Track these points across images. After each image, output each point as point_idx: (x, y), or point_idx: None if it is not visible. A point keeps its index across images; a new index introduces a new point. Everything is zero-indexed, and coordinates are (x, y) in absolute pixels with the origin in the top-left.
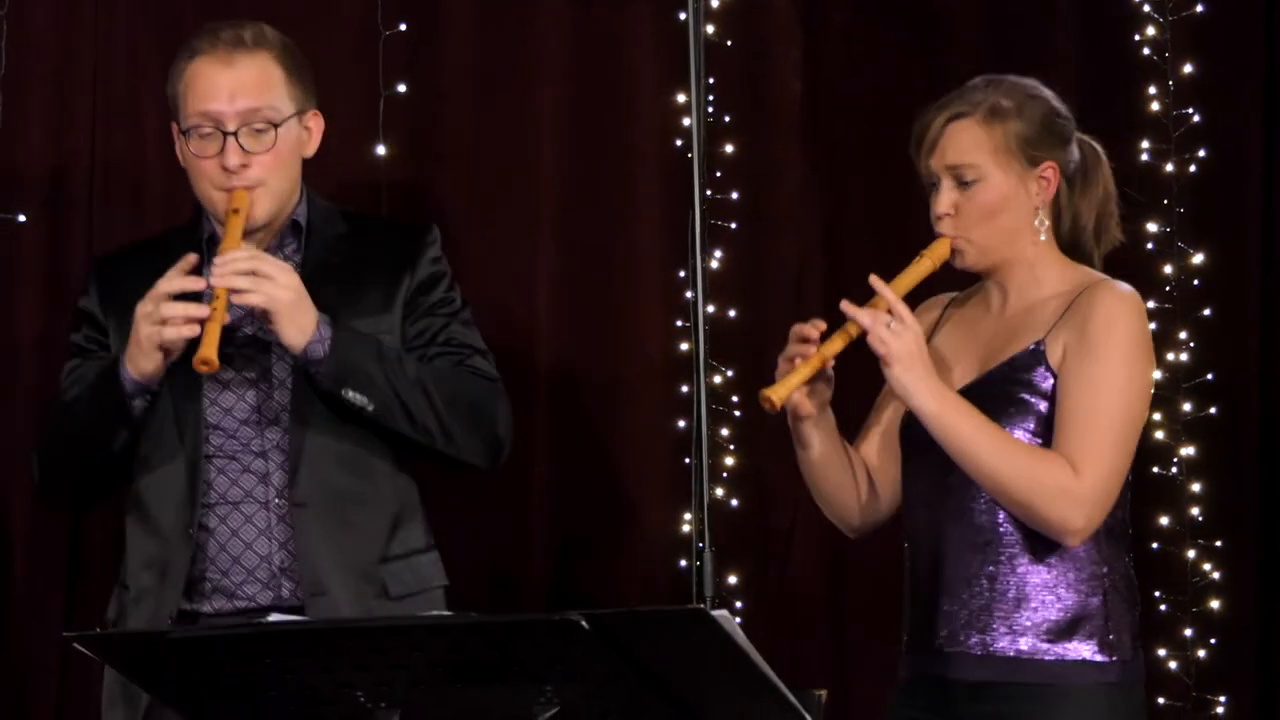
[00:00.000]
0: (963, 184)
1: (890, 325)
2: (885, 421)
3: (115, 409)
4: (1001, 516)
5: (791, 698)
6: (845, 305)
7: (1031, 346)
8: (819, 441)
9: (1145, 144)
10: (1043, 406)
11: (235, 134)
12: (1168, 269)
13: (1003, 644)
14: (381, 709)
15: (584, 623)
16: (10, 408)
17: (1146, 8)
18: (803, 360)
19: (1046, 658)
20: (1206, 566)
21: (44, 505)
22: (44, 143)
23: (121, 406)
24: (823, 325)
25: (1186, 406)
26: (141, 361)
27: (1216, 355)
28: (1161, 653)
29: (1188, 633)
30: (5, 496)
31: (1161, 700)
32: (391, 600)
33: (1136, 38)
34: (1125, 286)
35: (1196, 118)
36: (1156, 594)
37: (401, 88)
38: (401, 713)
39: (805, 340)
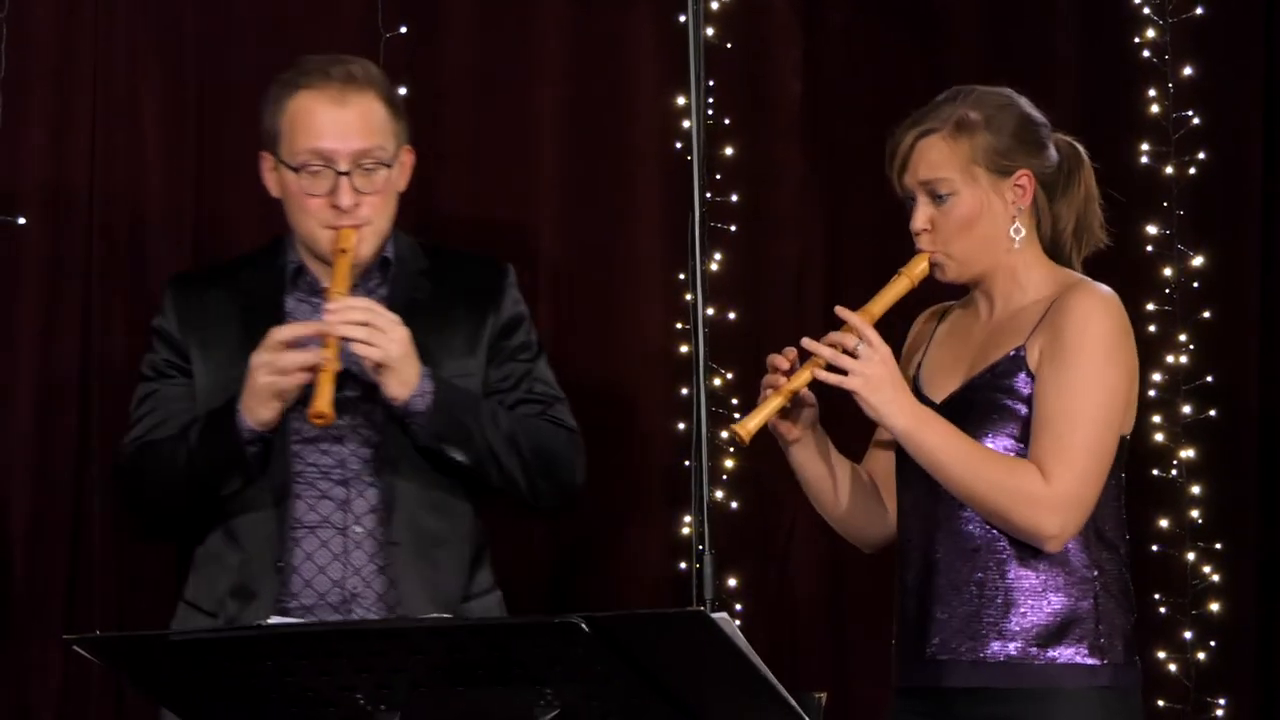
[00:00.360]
0: (937, 199)
1: (857, 347)
2: (886, 436)
3: (231, 457)
4: (990, 524)
5: (791, 700)
6: (805, 341)
7: (1012, 352)
8: (809, 463)
9: (1145, 146)
10: (1024, 411)
11: (348, 174)
12: (1167, 271)
13: (994, 649)
14: (381, 711)
15: (584, 625)
16: (11, 408)
17: (1146, 10)
18: (774, 391)
19: (1037, 662)
20: (1206, 569)
21: (129, 535)
22: (44, 144)
23: (238, 454)
24: (794, 354)
25: (1186, 409)
26: (260, 411)
27: (1216, 357)
28: (1161, 655)
29: (1187, 635)
30: (5, 496)
31: (1161, 703)
32: None
33: (1136, 40)
34: (1103, 288)
35: (1196, 120)
36: (1156, 596)
37: (402, 89)
38: (401, 715)
39: (776, 368)
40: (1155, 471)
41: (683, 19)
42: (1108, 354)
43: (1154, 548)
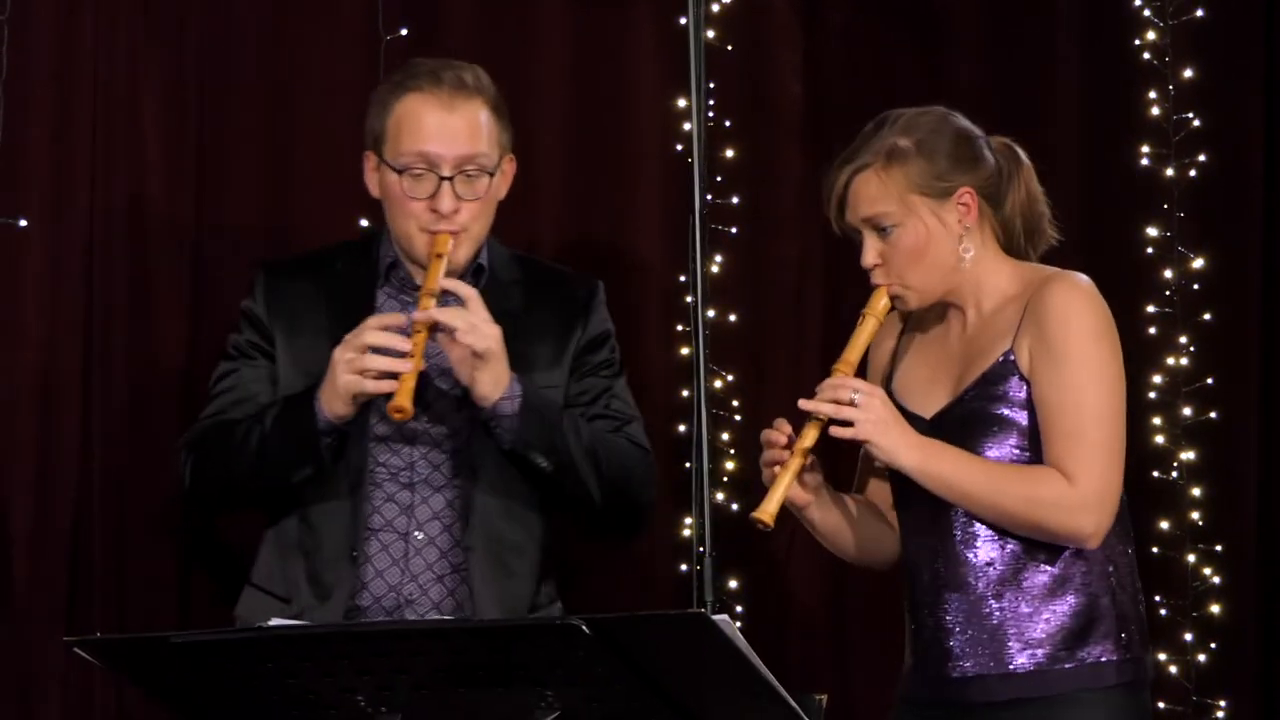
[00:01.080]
0: (882, 232)
1: (854, 397)
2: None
3: (305, 446)
4: (996, 534)
5: (792, 702)
6: (803, 403)
7: (1000, 358)
8: (822, 520)
9: (1145, 148)
10: (1023, 419)
11: (451, 179)
12: (1168, 273)
13: (1021, 660)
14: (383, 713)
15: (585, 627)
16: (11, 408)
17: (1147, 12)
18: (781, 466)
19: (1067, 665)
20: (1207, 571)
21: (187, 509)
22: (45, 145)
23: (313, 445)
24: (787, 426)
25: (1187, 411)
26: (337, 406)
27: (1217, 360)
28: (1162, 657)
29: (1188, 637)
30: (5, 496)
31: (1162, 704)
32: None
33: (1137, 42)
34: (1078, 277)
35: (1197, 122)
36: (1157, 598)
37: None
38: (403, 717)
39: (775, 444)
40: (1156, 473)
41: (683, 21)
42: (1098, 342)
43: (1154, 550)
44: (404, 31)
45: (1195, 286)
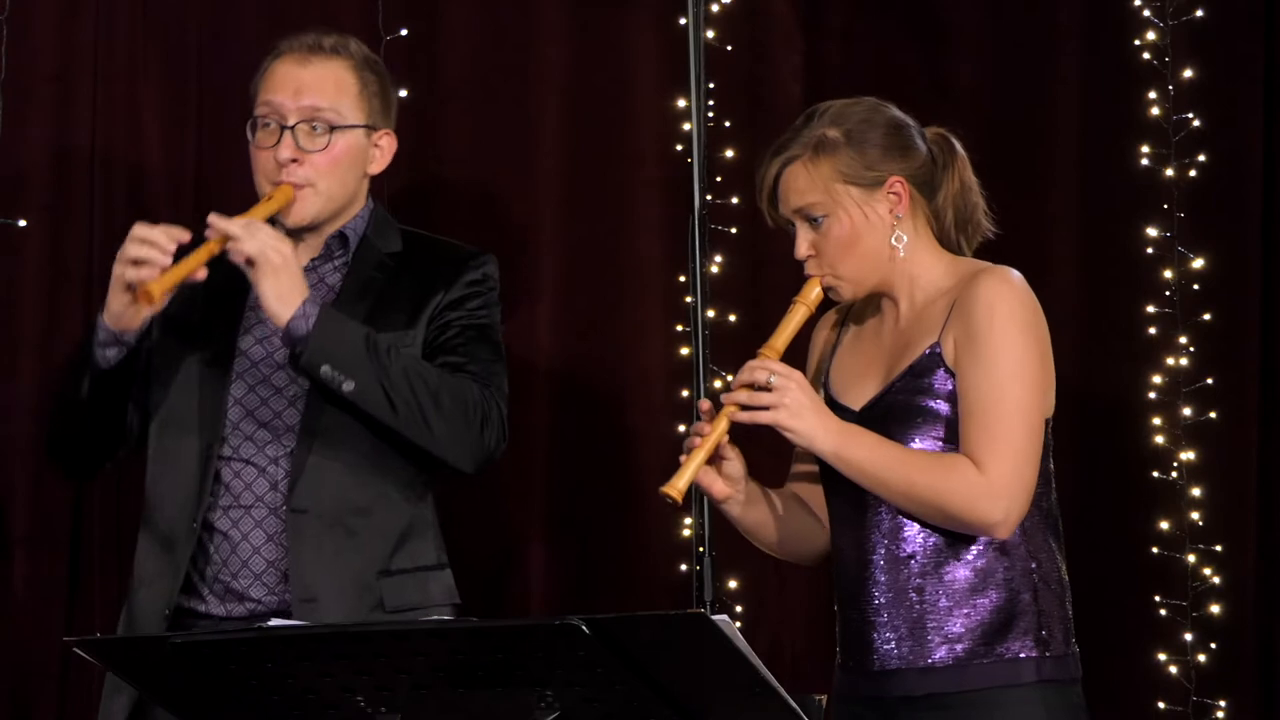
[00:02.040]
0: (813, 223)
1: (770, 380)
2: (809, 455)
3: (87, 357)
4: (920, 527)
5: (791, 702)
6: (724, 396)
7: (927, 350)
8: (743, 516)
9: (1145, 149)
10: (947, 410)
11: (293, 129)
12: (1168, 273)
13: (941, 654)
14: (382, 713)
15: (584, 627)
16: (11, 408)
17: (1146, 12)
18: (697, 447)
19: (985, 660)
20: (1206, 571)
21: (51, 462)
22: (45, 145)
23: (90, 353)
24: (707, 404)
25: (1186, 411)
26: (112, 303)
27: (1216, 360)
28: (1162, 657)
29: (1188, 637)
30: (5, 496)
31: (1162, 705)
32: (387, 613)
33: (1136, 42)
34: (1009, 271)
35: (1197, 122)
36: (1156, 598)
37: (403, 92)
38: (402, 717)
39: (698, 432)
40: (1155, 474)
41: (683, 21)
42: (1021, 334)
43: (1154, 550)
44: (404, 32)
45: (1195, 287)
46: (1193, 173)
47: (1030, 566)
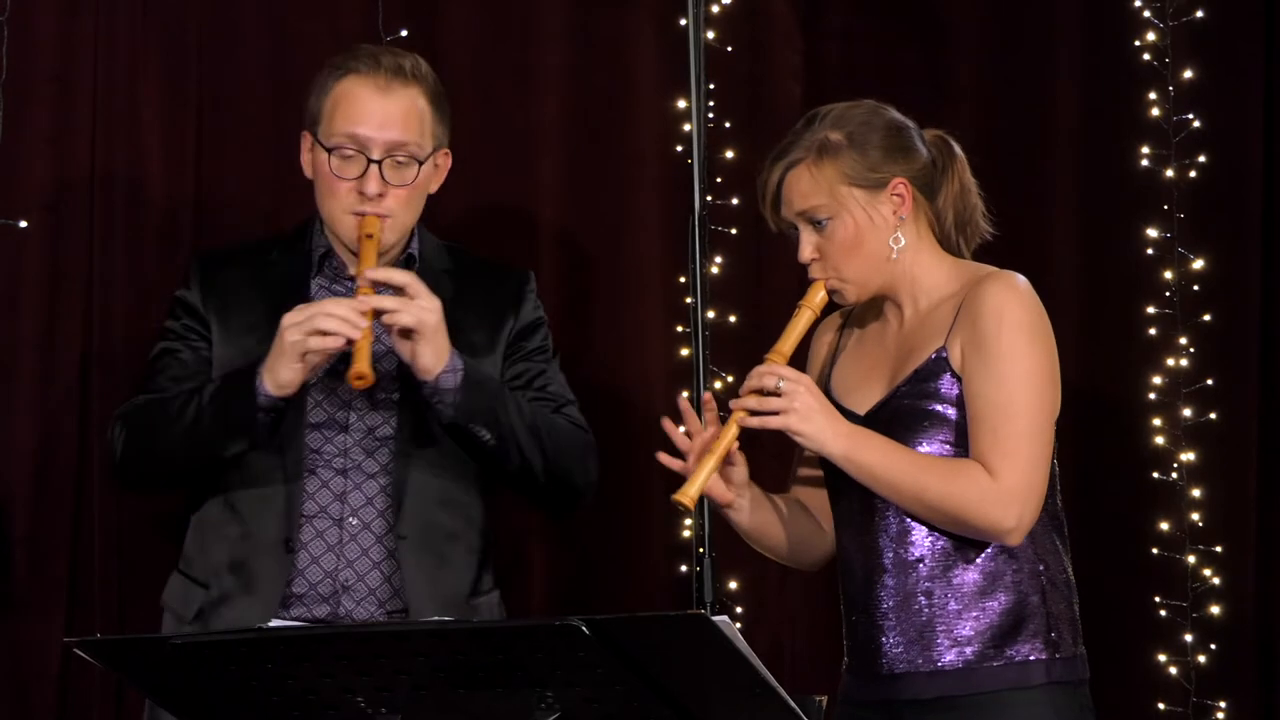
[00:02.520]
0: (817, 226)
1: (778, 386)
2: (813, 459)
3: (242, 419)
4: (927, 531)
5: (791, 703)
6: (733, 403)
7: (933, 355)
8: (746, 519)
9: (1145, 149)
10: (953, 414)
11: (380, 163)
12: (1168, 274)
13: (950, 657)
14: (382, 714)
15: (584, 628)
16: (10, 409)
17: (1147, 13)
18: (708, 453)
19: (995, 663)
20: (1207, 572)
21: (118, 483)
22: (45, 147)
23: (249, 418)
24: (713, 404)
25: (1187, 412)
26: (282, 371)
27: (1217, 360)
28: (1162, 658)
29: (1188, 638)
30: (5, 498)
31: (1162, 706)
32: None
33: (1137, 43)
34: (1015, 276)
35: (1197, 123)
36: (1157, 599)
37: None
38: (402, 717)
39: (700, 433)
40: (1156, 474)
41: (683, 22)
42: (1031, 340)
43: (1154, 550)
44: (404, 32)
45: (1195, 287)
46: (1193, 173)
47: (1038, 569)
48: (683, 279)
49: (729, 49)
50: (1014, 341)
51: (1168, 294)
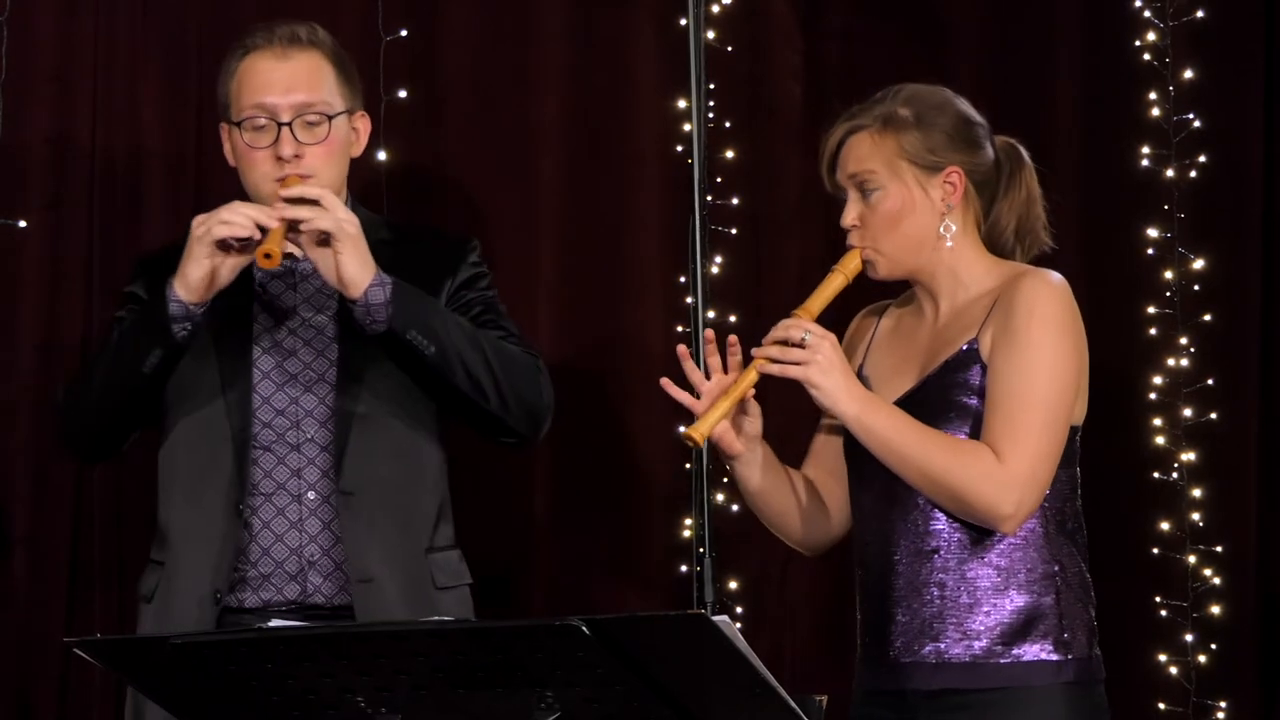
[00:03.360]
0: (865, 194)
1: (804, 338)
2: (830, 441)
3: (156, 329)
4: (947, 522)
5: (791, 703)
6: (755, 350)
7: (964, 347)
8: (755, 476)
9: (1145, 149)
10: (978, 405)
11: (290, 125)
12: (1168, 274)
13: (957, 650)
14: (382, 714)
15: (584, 628)
16: (10, 409)
17: (1147, 13)
18: (723, 394)
19: (1002, 660)
20: (1207, 572)
21: (65, 446)
22: (45, 146)
23: (163, 327)
24: (736, 349)
25: (1187, 412)
26: (190, 269)
27: (1217, 361)
28: (1162, 658)
29: (1188, 638)
30: (5, 498)
31: (1162, 706)
32: (438, 590)
33: (1137, 43)
34: (1051, 274)
35: (1197, 123)
36: (1157, 599)
37: (402, 93)
38: (402, 717)
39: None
40: (1156, 474)
41: (683, 22)
42: (1058, 334)
43: (1155, 550)
44: (404, 32)
45: (1195, 287)
46: (1193, 173)
47: (1054, 569)
48: (683, 279)
49: (729, 49)
50: (1042, 334)
51: (1168, 294)
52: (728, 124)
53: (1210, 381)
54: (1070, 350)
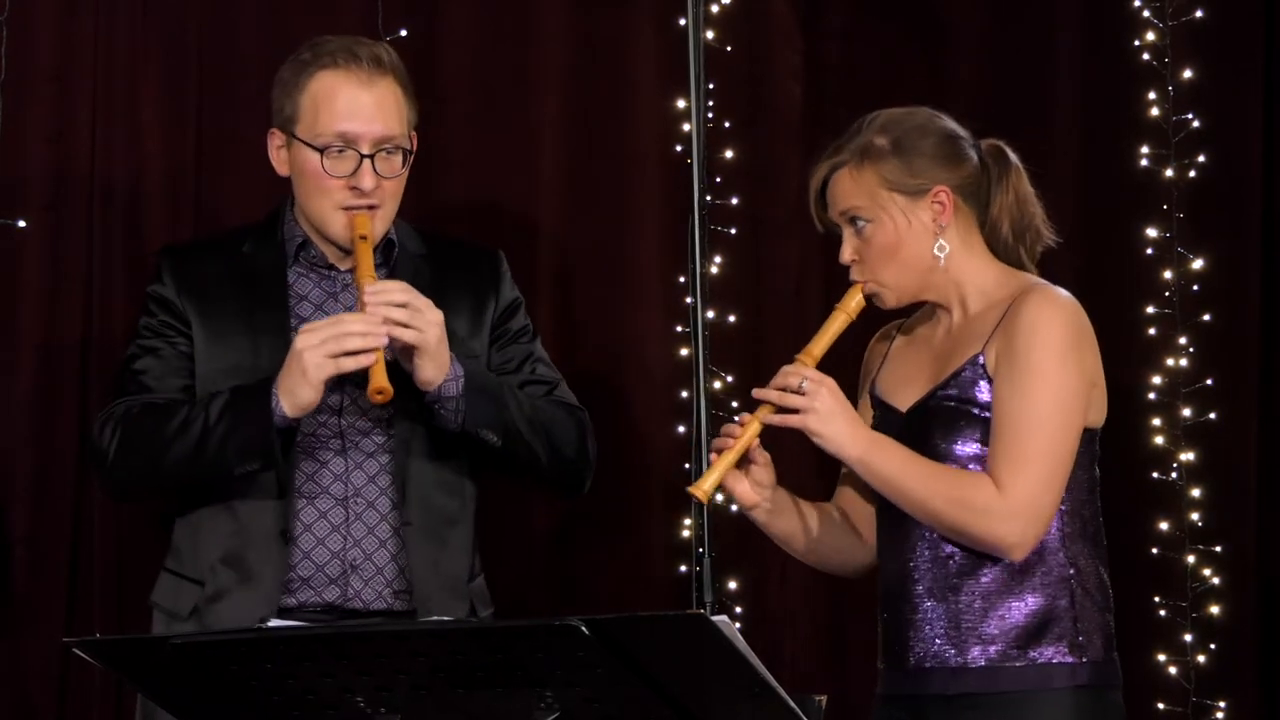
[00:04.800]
0: (857, 229)
1: (802, 385)
2: None
3: (258, 442)
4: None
5: (791, 703)
6: (756, 391)
7: (971, 359)
8: (777, 523)
9: (1145, 149)
10: (987, 417)
11: (371, 157)
12: (1167, 274)
13: (974, 654)
14: (382, 714)
15: (584, 628)
16: (10, 409)
17: (1147, 13)
18: (728, 448)
19: (1017, 664)
20: (1206, 571)
21: (102, 488)
22: (44, 146)
23: (266, 441)
24: (747, 418)
25: (1186, 412)
26: (302, 394)
27: (1216, 360)
28: (1161, 658)
29: (1187, 638)
30: (5, 498)
31: (1162, 706)
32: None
33: (1136, 42)
34: (1059, 292)
35: (1196, 123)
36: (1156, 599)
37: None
38: (402, 717)
39: (728, 432)
40: (1155, 474)
41: (683, 22)
42: (1061, 358)
43: (1154, 550)
44: (404, 32)
45: (1195, 287)
46: (1192, 173)
47: (1068, 573)
48: (683, 279)
49: (729, 49)
50: (1044, 359)
51: (1167, 294)
52: (727, 124)
53: (1209, 381)
54: (1072, 373)
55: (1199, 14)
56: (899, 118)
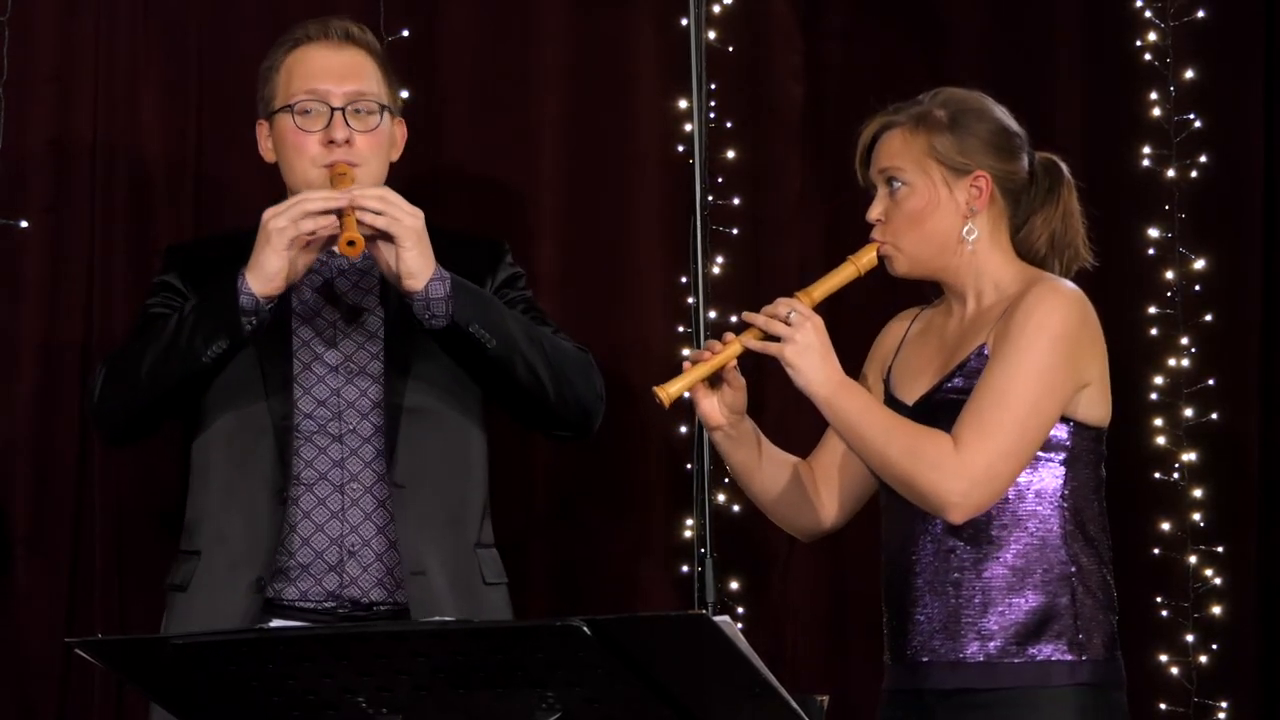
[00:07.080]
0: (892, 190)
1: (789, 316)
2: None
3: (223, 319)
4: (964, 523)
5: (792, 702)
6: (745, 315)
7: (976, 350)
8: (735, 451)
9: (1146, 149)
10: None
11: (343, 110)
12: (1169, 274)
13: (972, 649)
14: (383, 714)
15: (585, 628)
16: (10, 408)
17: (1148, 13)
18: (704, 361)
19: (1016, 660)
20: (1208, 572)
21: (96, 425)
22: (46, 145)
23: (232, 318)
24: (731, 337)
25: (1188, 412)
26: (268, 261)
27: (1218, 361)
28: (1163, 658)
29: (1189, 638)
30: (6, 498)
31: (1163, 706)
32: (486, 585)
33: (1138, 43)
34: (1064, 283)
35: (1198, 123)
36: (1158, 599)
37: (403, 93)
38: (403, 718)
39: (709, 349)
40: (1157, 475)
41: (684, 22)
42: (1051, 341)
43: (1155, 551)
44: (404, 32)
45: (1196, 288)
46: (1194, 174)
47: (1070, 570)
48: (683, 279)
49: (729, 49)
50: (1034, 339)
51: (1169, 294)
52: (728, 124)
53: (1211, 382)
54: (1061, 357)
55: (1200, 14)
56: (962, 96)
